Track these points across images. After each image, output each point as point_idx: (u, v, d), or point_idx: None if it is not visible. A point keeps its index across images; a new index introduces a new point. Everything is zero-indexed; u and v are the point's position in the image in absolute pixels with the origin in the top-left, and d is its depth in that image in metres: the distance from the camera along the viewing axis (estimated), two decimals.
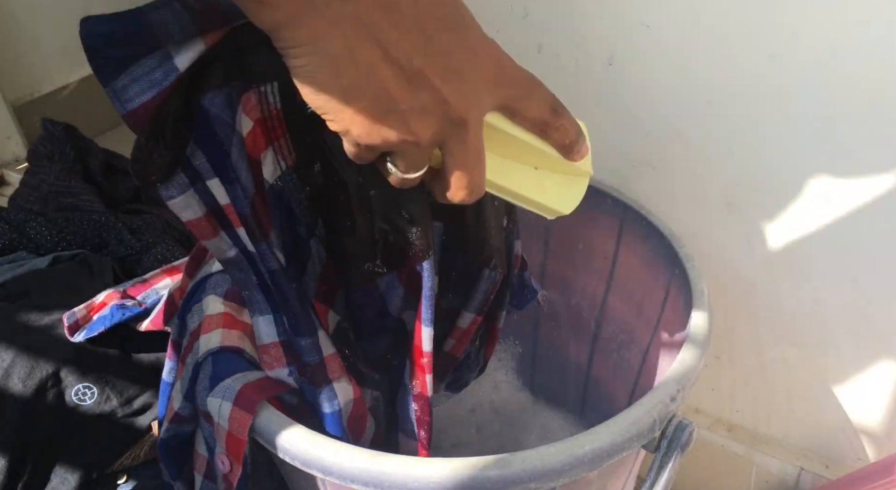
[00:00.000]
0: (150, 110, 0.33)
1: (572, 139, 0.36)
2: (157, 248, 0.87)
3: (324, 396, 0.45)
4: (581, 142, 0.37)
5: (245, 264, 0.42)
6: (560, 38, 0.61)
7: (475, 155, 0.33)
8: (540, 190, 0.39)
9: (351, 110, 0.29)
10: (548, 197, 0.39)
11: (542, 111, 0.34)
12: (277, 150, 0.40)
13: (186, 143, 0.36)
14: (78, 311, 0.62)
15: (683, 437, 0.41)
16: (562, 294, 0.74)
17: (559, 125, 0.35)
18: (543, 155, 0.37)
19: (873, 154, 0.52)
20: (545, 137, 0.36)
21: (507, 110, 0.34)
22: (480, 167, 0.34)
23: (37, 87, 1.41)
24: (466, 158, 0.33)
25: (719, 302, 0.66)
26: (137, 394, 0.66)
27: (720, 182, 0.60)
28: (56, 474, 0.63)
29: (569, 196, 0.40)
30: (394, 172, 0.33)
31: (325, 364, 0.45)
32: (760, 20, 0.51)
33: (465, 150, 0.32)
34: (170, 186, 0.37)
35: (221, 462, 0.42)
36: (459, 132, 0.32)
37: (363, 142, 0.31)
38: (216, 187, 0.38)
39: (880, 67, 0.48)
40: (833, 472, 0.67)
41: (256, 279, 0.42)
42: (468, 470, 0.36)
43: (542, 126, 0.35)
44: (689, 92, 0.57)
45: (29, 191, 0.98)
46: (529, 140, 0.35)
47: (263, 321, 0.44)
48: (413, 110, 0.30)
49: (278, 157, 0.40)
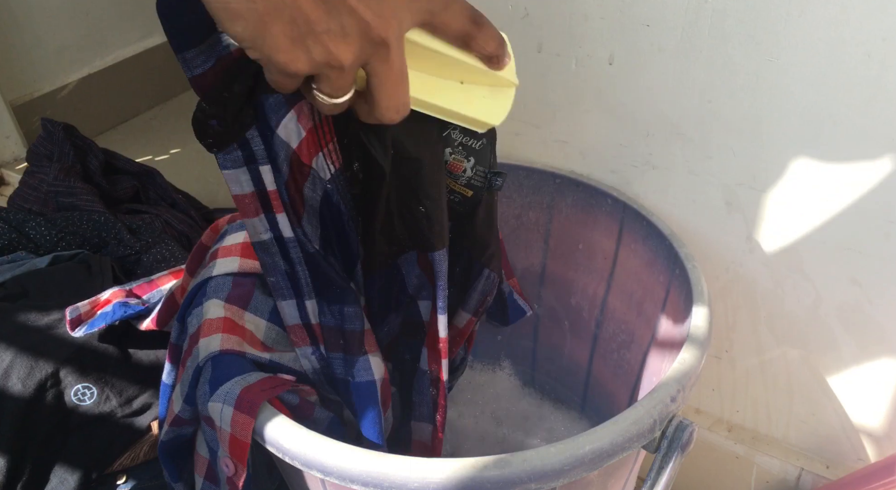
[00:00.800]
0: (210, 78, 0.37)
1: (494, 49, 0.36)
2: (157, 247, 0.87)
3: (360, 366, 0.48)
4: (504, 51, 0.37)
5: (275, 249, 0.44)
6: (560, 38, 0.61)
7: (398, 74, 0.33)
8: (467, 103, 0.39)
9: (269, 36, 0.29)
10: (476, 110, 0.39)
11: (462, 22, 0.35)
12: (327, 155, 0.41)
13: (248, 126, 0.39)
14: (81, 306, 0.62)
15: (684, 437, 0.41)
16: (562, 294, 0.74)
17: (480, 35, 0.35)
18: (468, 68, 0.37)
19: (873, 154, 0.52)
20: (467, 49, 0.36)
21: (428, 25, 0.34)
22: (404, 85, 0.34)
23: (36, 87, 1.41)
24: (390, 77, 0.33)
25: (719, 302, 0.66)
26: (137, 394, 0.66)
27: (720, 182, 0.60)
28: (55, 474, 0.63)
29: (496, 108, 0.40)
30: (320, 99, 0.33)
31: (364, 334, 0.47)
32: (760, 20, 0.51)
33: (389, 69, 0.33)
34: (226, 159, 0.40)
35: (226, 465, 0.42)
36: (381, 52, 0.32)
37: (284, 68, 0.31)
38: (266, 173, 0.41)
39: (880, 67, 0.48)
40: (833, 472, 0.67)
41: (284, 265, 0.45)
42: (468, 470, 0.36)
43: (464, 37, 0.35)
44: (689, 92, 0.57)
45: (28, 190, 0.98)
46: (452, 53, 0.36)
47: (287, 305, 0.47)
48: (331, 32, 0.30)
49: (327, 161, 0.42)
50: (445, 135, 0.44)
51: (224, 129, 0.38)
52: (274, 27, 0.29)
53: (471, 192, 0.47)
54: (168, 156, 1.44)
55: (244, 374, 0.44)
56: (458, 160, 0.46)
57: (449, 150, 0.45)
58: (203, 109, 0.37)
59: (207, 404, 0.42)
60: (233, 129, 0.39)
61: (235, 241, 0.54)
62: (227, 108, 0.37)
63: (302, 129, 0.40)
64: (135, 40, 1.53)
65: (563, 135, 0.67)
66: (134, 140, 1.50)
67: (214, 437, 0.43)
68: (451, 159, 0.45)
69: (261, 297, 0.52)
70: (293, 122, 0.39)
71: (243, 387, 0.42)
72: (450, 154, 0.45)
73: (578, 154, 0.67)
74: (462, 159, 0.46)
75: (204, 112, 0.37)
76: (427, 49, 0.35)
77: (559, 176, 0.67)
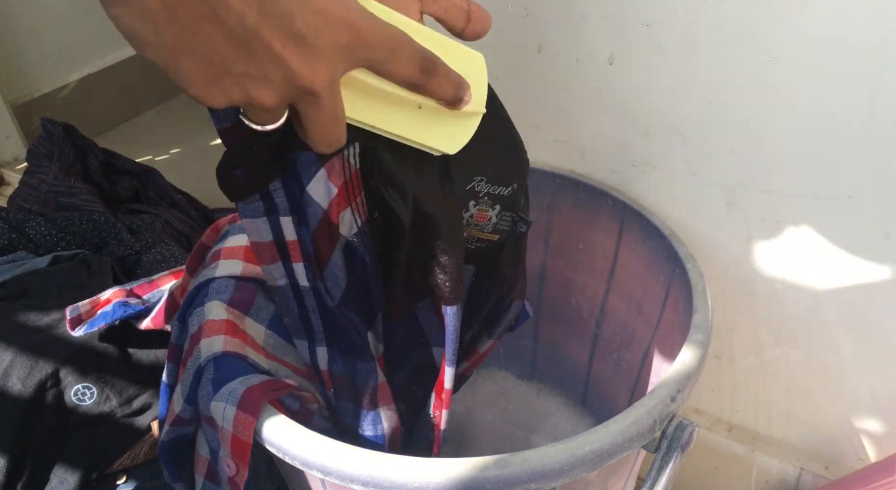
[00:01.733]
0: (237, 131, 0.36)
1: (449, 95, 0.34)
2: (157, 247, 0.87)
3: (369, 420, 0.48)
4: (461, 93, 0.34)
5: (290, 295, 0.44)
6: (560, 38, 0.61)
7: (330, 116, 0.31)
8: (423, 131, 0.36)
9: (180, 70, 0.27)
10: (432, 138, 0.37)
11: (408, 73, 0.32)
12: (355, 209, 0.41)
13: (272, 179, 0.39)
14: (82, 305, 0.62)
15: (684, 437, 0.41)
16: (562, 294, 0.74)
17: (431, 83, 0.33)
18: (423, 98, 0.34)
19: (873, 154, 0.52)
20: (419, 93, 0.34)
21: (371, 70, 0.31)
22: (338, 125, 0.32)
23: (36, 87, 1.41)
24: (319, 119, 0.31)
25: (719, 302, 0.66)
26: (137, 394, 0.66)
27: (720, 182, 0.60)
28: (55, 474, 0.63)
29: (457, 135, 0.37)
30: (248, 124, 0.31)
31: (378, 388, 0.47)
32: (760, 20, 0.51)
33: (319, 112, 0.30)
34: (246, 208, 0.40)
35: (227, 465, 0.42)
36: (309, 98, 0.29)
37: (201, 101, 0.28)
38: (287, 224, 0.41)
39: (880, 66, 0.48)
40: (833, 472, 0.67)
41: (298, 310, 0.45)
42: (468, 470, 0.36)
43: (412, 86, 0.33)
44: (689, 92, 0.57)
45: (28, 190, 0.98)
46: (404, 93, 0.33)
47: (300, 345, 0.47)
48: (250, 75, 0.28)
49: (355, 215, 0.41)
50: (470, 187, 0.43)
51: (247, 180, 0.38)
52: (185, 63, 0.27)
53: (497, 236, 0.46)
54: (168, 156, 1.44)
55: (247, 374, 0.44)
56: (483, 210, 0.44)
57: (473, 203, 0.44)
58: (228, 159, 0.37)
59: (210, 404, 0.42)
60: (256, 181, 0.39)
61: (238, 242, 0.54)
62: (252, 160, 0.37)
63: (333, 187, 0.39)
64: None
65: (563, 135, 0.67)
66: (134, 140, 1.50)
67: (216, 437, 0.42)
68: (476, 211, 0.44)
69: (262, 303, 0.52)
70: (323, 180, 0.39)
71: (247, 387, 0.42)
72: (474, 206, 0.44)
73: (578, 154, 0.67)
74: (487, 209, 0.44)
75: (228, 162, 0.37)
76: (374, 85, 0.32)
77: (559, 176, 0.67)
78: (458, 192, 0.43)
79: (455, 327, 0.44)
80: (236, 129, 0.36)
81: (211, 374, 0.44)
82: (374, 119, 0.34)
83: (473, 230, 0.45)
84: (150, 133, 1.54)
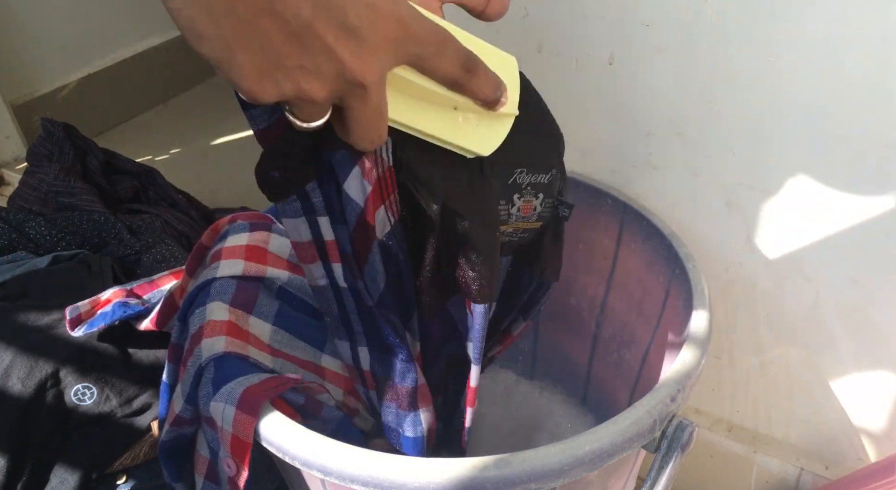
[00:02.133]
0: (273, 133, 0.37)
1: (488, 95, 0.35)
2: (157, 247, 0.87)
3: (409, 421, 0.48)
4: (499, 95, 0.35)
5: (331, 295, 0.45)
6: (560, 38, 0.61)
7: (375, 111, 0.31)
8: (458, 132, 0.37)
9: (235, 63, 0.27)
10: (466, 139, 0.37)
11: (451, 70, 0.33)
12: (388, 207, 0.41)
13: (309, 179, 0.39)
14: (82, 305, 0.62)
15: (684, 437, 0.41)
16: (562, 294, 0.74)
17: (472, 82, 0.34)
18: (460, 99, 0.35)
19: (873, 153, 0.52)
20: (458, 93, 0.34)
21: (415, 67, 0.32)
22: (382, 121, 0.32)
23: (36, 87, 1.41)
24: (365, 114, 0.31)
25: (719, 302, 0.66)
26: (137, 394, 0.66)
27: (720, 182, 0.60)
28: (55, 474, 0.63)
29: (490, 136, 0.38)
30: (292, 120, 0.32)
31: (417, 390, 0.47)
32: (760, 20, 0.51)
33: (365, 107, 0.31)
34: (286, 208, 0.41)
35: (227, 465, 0.42)
36: (358, 92, 0.30)
37: (251, 97, 0.29)
38: (325, 224, 0.41)
39: (881, 66, 0.48)
40: (833, 472, 0.67)
41: (338, 311, 0.45)
42: (468, 470, 0.36)
43: (453, 84, 0.33)
44: (689, 92, 0.57)
45: (28, 190, 0.98)
46: (443, 92, 0.34)
47: (340, 345, 0.48)
48: (303, 68, 0.28)
49: (388, 214, 0.41)
50: (512, 181, 0.42)
51: (285, 181, 0.39)
52: (241, 55, 0.27)
53: (540, 223, 0.46)
54: (168, 156, 1.44)
55: (247, 374, 0.44)
56: (528, 201, 0.44)
57: (518, 196, 0.43)
58: (266, 161, 0.38)
59: (209, 404, 0.42)
60: (294, 181, 0.39)
61: (239, 242, 0.54)
62: (288, 161, 0.38)
63: (367, 185, 0.39)
64: (135, 40, 1.53)
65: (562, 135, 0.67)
66: (134, 140, 1.50)
67: (216, 438, 0.42)
68: (522, 203, 0.44)
69: (266, 300, 0.52)
70: (358, 178, 0.39)
71: (245, 387, 0.42)
72: (519, 199, 0.44)
73: (578, 154, 0.67)
74: (532, 199, 0.44)
75: (266, 163, 0.38)
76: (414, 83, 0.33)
77: None
78: (500, 186, 0.42)
79: (481, 326, 0.44)
80: (273, 130, 0.37)
81: (211, 374, 0.44)
82: (411, 119, 0.35)
83: (520, 223, 0.45)
84: (150, 133, 1.54)
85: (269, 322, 0.51)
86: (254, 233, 0.55)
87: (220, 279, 0.51)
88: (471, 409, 0.49)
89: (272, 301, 0.52)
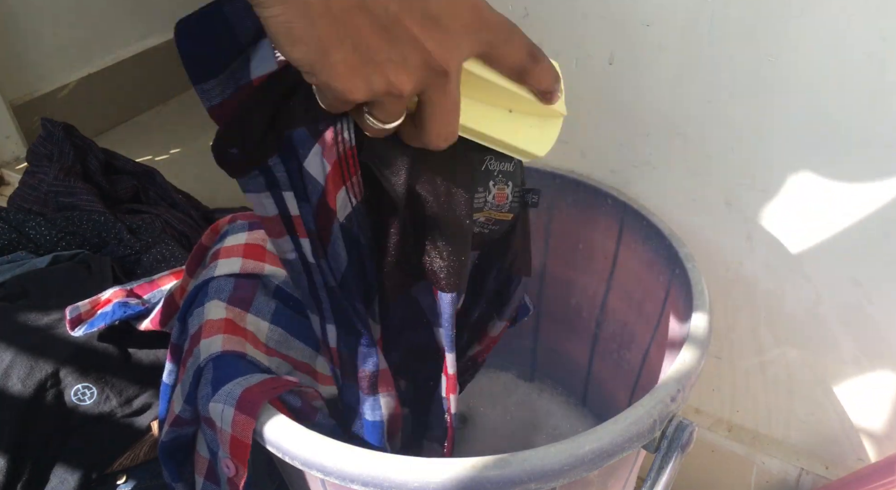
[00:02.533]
0: (228, 109, 0.37)
1: (548, 84, 0.36)
2: (157, 247, 0.87)
3: (369, 405, 0.47)
4: (557, 87, 0.37)
5: (300, 268, 0.44)
6: (560, 38, 0.61)
7: (453, 103, 0.32)
8: (515, 133, 0.38)
9: (329, 63, 0.28)
10: (523, 140, 0.39)
11: (520, 57, 0.34)
12: (350, 189, 0.40)
13: (269, 154, 0.39)
14: (82, 305, 0.62)
15: (684, 437, 0.41)
16: (562, 294, 0.74)
17: (536, 70, 0.35)
18: (518, 98, 0.36)
19: (873, 154, 0.52)
20: (522, 83, 0.35)
21: (486, 56, 0.33)
22: (457, 115, 0.33)
23: (36, 87, 1.41)
24: (445, 107, 0.32)
25: (719, 302, 0.66)
26: (137, 394, 0.66)
27: (720, 182, 0.60)
28: (55, 474, 0.63)
29: (543, 138, 0.39)
30: (370, 122, 0.32)
31: (378, 375, 0.47)
32: (760, 20, 0.51)
33: (445, 99, 0.32)
34: (248, 182, 0.40)
35: (227, 466, 0.42)
36: (440, 81, 0.31)
37: (343, 96, 0.30)
38: (290, 199, 0.41)
39: (880, 67, 0.48)
40: (833, 472, 0.67)
41: (308, 285, 0.45)
42: (468, 470, 0.36)
43: (520, 72, 0.35)
44: (689, 92, 0.57)
45: (28, 190, 0.98)
46: (506, 85, 0.35)
47: (313, 319, 0.48)
48: (391, 61, 0.29)
49: (350, 195, 0.41)
50: (484, 168, 0.43)
51: (244, 158, 0.39)
52: (335, 54, 0.28)
53: (511, 214, 0.46)
54: (168, 156, 1.44)
55: (246, 374, 0.44)
56: (501, 190, 0.44)
57: (492, 183, 0.44)
58: (222, 138, 0.37)
59: (208, 405, 0.42)
60: (253, 157, 0.39)
61: (237, 241, 0.54)
62: (246, 137, 0.37)
63: (327, 164, 0.39)
64: (135, 40, 1.53)
65: (562, 135, 0.67)
66: (134, 140, 1.50)
67: (215, 438, 0.42)
68: (497, 190, 0.44)
69: (263, 298, 0.52)
70: (318, 156, 0.39)
71: (244, 387, 0.42)
72: (494, 186, 0.44)
73: (578, 154, 0.67)
74: (504, 187, 0.44)
75: (223, 141, 0.37)
76: (481, 79, 0.34)
77: (559, 176, 0.67)
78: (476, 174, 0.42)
79: (450, 315, 0.44)
80: (226, 106, 0.36)
81: (210, 374, 0.44)
82: (472, 121, 0.36)
83: (494, 212, 0.45)
84: (150, 133, 1.54)
85: (267, 320, 0.51)
86: (253, 232, 0.55)
87: (218, 278, 0.51)
88: (454, 396, 0.49)
89: (269, 299, 0.52)
